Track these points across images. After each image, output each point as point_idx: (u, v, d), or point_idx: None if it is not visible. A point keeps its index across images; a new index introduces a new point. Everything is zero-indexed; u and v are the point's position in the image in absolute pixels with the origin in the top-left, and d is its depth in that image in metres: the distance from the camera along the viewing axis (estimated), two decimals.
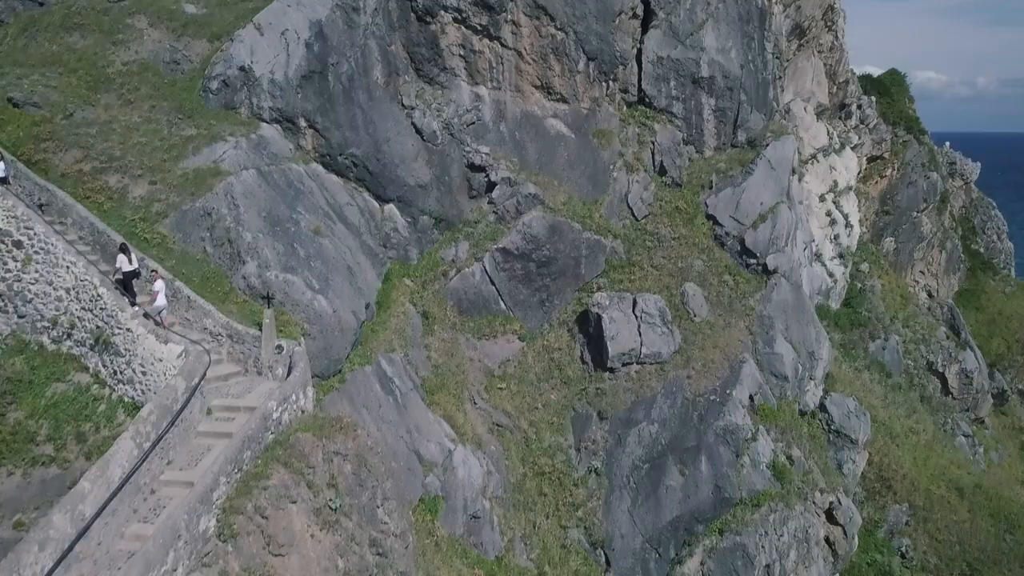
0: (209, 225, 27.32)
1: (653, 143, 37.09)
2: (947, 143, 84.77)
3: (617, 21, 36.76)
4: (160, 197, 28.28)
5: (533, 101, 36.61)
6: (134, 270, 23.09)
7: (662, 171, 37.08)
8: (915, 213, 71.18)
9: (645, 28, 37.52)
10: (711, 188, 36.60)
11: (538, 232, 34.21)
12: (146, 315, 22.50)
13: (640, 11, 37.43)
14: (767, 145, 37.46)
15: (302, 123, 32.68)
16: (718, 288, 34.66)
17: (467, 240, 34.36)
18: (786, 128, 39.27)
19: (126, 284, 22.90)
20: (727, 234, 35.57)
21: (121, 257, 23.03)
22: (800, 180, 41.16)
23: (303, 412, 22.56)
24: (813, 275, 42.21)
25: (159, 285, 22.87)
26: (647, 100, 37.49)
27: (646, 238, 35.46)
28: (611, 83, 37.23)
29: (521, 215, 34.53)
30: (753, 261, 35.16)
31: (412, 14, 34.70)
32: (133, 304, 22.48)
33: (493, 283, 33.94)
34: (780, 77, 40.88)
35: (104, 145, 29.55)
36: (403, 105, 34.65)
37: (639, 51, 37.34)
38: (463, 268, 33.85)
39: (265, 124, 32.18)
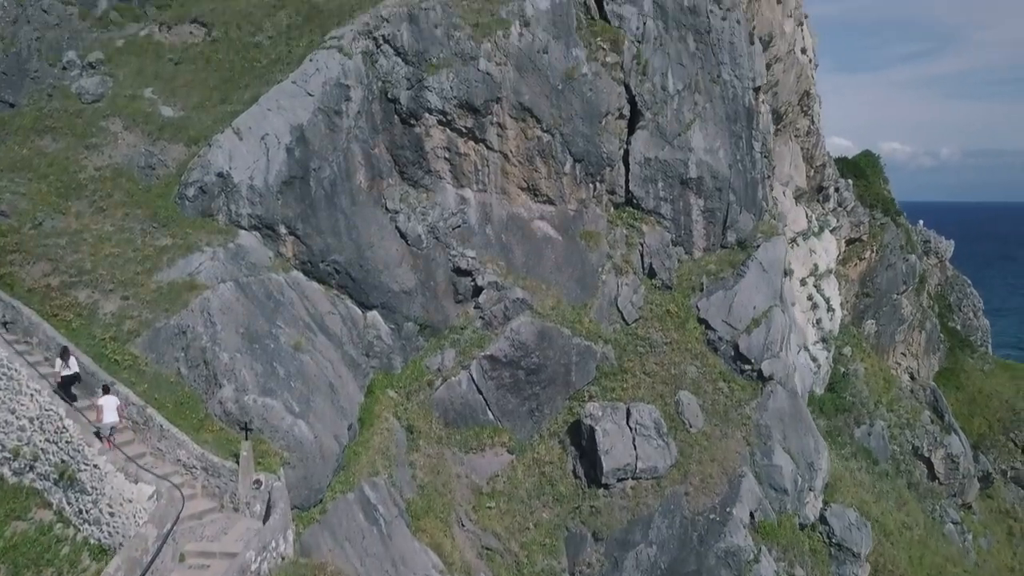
0: (184, 344, 25.87)
1: (642, 245, 36.35)
2: (920, 221, 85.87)
3: (603, 122, 36.31)
4: (132, 314, 26.87)
5: (519, 203, 35.83)
6: (74, 374, 22.45)
7: (651, 273, 36.26)
8: (895, 296, 71.32)
9: (632, 129, 37.10)
10: (702, 291, 35.80)
11: (526, 338, 33.05)
12: (97, 433, 21.26)
13: (627, 111, 37.05)
14: (758, 246, 36.86)
15: (282, 230, 31.55)
16: (713, 396, 33.57)
17: (453, 347, 33.09)
18: (776, 228, 38.75)
19: (66, 388, 22.29)
20: (720, 339, 34.64)
21: (59, 362, 22.43)
22: (790, 278, 40.55)
23: (283, 559, 20.91)
24: (803, 370, 41.29)
25: (105, 401, 21.61)
26: (635, 201, 36.87)
27: (638, 343, 34.41)
28: (598, 184, 36.61)
29: (509, 320, 33.40)
30: (748, 367, 34.19)
31: (396, 116, 33.99)
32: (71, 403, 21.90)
33: (480, 392, 32.59)
34: (769, 176, 40.57)
35: (74, 257, 28.21)
36: (387, 209, 33.68)
37: (626, 152, 36.85)
38: (449, 377, 32.51)
39: (244, 232, 30.99)
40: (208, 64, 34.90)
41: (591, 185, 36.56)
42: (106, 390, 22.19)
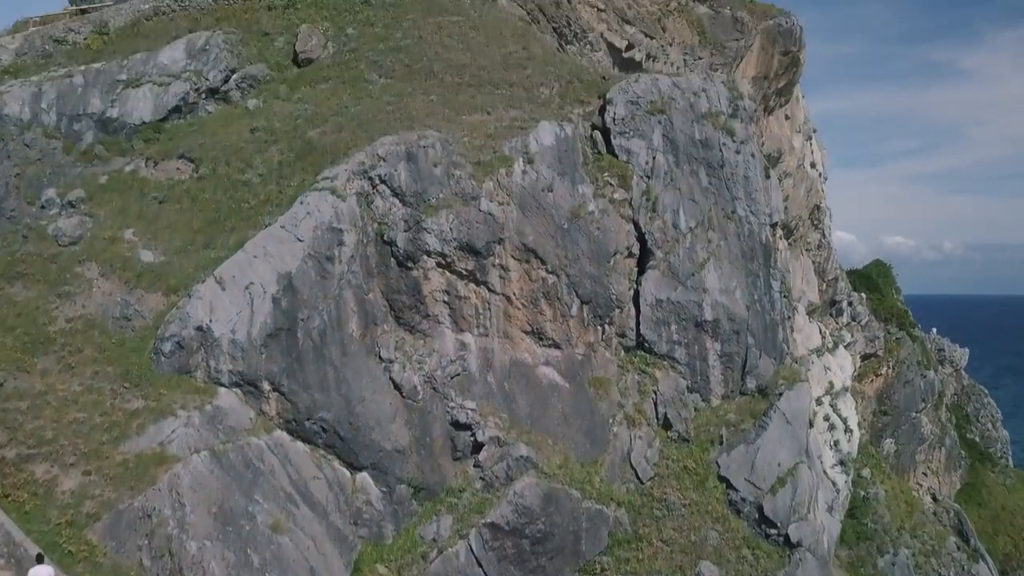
0: (148, 531, 23.22)
1: (655, 392, 33.76)
2: (934, 329, 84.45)
3: (612, 262, 34.22)
4: (93, 493, 24.29)
5: (523, 348, 33.40)
6: None
7: (667, 424, 33.56)
8: (914, 414, 68.80)
9: (642, 268, 34.97)
10: (722, 444, 33.04)
11: (531, 503, 30.12)
12: None
13: (636, 250, 35.00)
14: (780, 394, 34.25)
15: (266, 387, 29.07)
16: (737, 566, 30.46)
17: (450, 513, 30.15)
18: (799, 373, 36.21)
19: None
20: (743, 500, 31.74)
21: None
22: (812, 427, 37.84)
23: None
24: (831, 527, 38.09)
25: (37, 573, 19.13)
26: (647, 345, 34.45)
27: (654, 505, 31.47)
28: (607, 327, 34.26)
29: (512, 482, 30.54)
30: (773, 532, 31.21)
31: (392, 259, 31.90)
32: None
33: (480, 565, 29.49)
34: (789, 317, 38.26)
35: (34, 425, 25.82)
36: (381, 358, 31.24)
37: (636, 293, 34.63)
38: (445, 548, 29.44)
39: (224, 389, 28.51)
40: (194, 203, 33.04)
41: (600, 328, 34.21)
42: (40, 559, 19.70)
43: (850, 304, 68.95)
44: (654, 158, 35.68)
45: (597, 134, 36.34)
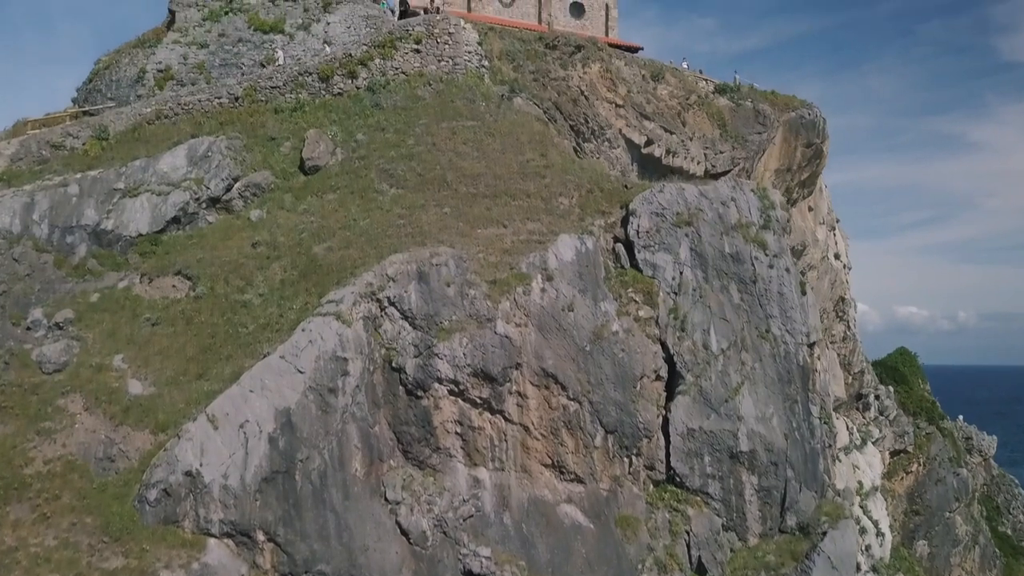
0: None
1: (688, 533, 30.82)
2: (960, 416, 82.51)
3: (638, 387, 31.64)
4: None
5: (543, 483, 30.63)
6: None
7: (700, 569, 30.52)
8: (947, 513, 65.73)
9: (671, 393, 32.33)
10: None
11: None
12: None
13: (664, 373, 32.43)
14: (823, 533, 31.23)
15: (260, 536, 26.35)
16: None
17: None
18: (843, 509, 33.20)
19: None
20: None
21: None
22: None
23: None
24: None
25: None
26: (678, 479, 31.62)
27: None
28: (634, 459, 31.52)
29: None
30: None
31: (401, 388, 29.44)
32: None
33: None
34: (830, 445, 35.41)
35: None
36: (387, 500, 28.53)
37: (665, 420, 31.94)
38: None
39: (213, 541, 25.83)
40: (189, 327, 30.78)
41: (626, 460, 31.47)
42: None
43: (877, 398, 66.69)
44: (681, 273, 33.36)
45: (620, 247, 34.13)
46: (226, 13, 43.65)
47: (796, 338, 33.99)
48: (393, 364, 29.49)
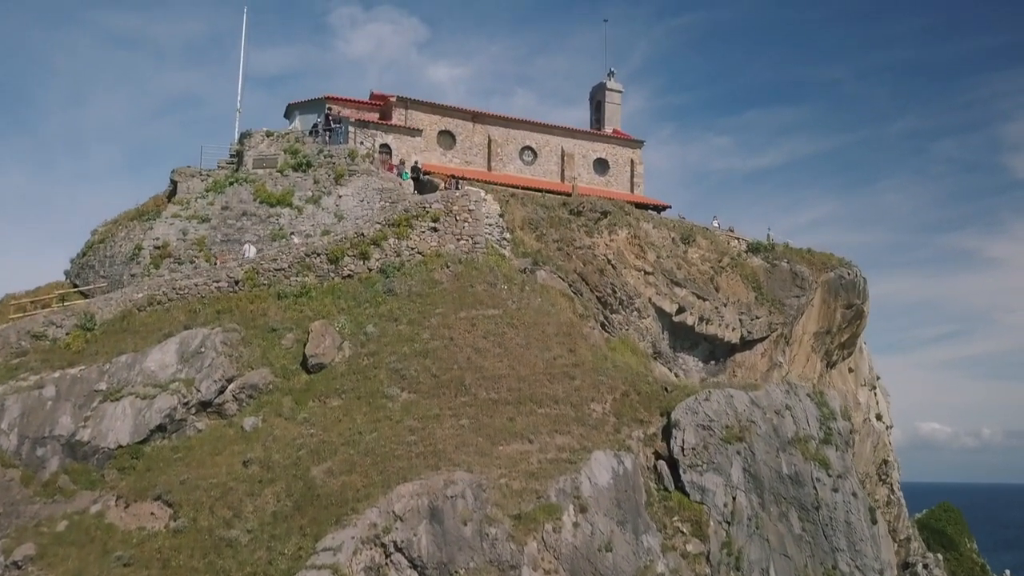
0: None
1: None
2: (1007, 571, 77.79)
3: None
4: None
5: None
6: None
7: None
8: None
9: None
10: None
11: None
12: None
13: None
14: None
15: None
16: None
17: None
18: None
19: None
20: None
21: None
22: None
23: None
24: None
25: None
26: None
27: None
28: None
29: None
30: None
31: None
32: None
33: None
34: None
35: None
36: None
37: None
38: None
39: None
40: (164, 570, 26.44)
41: None
42: None
43: (926, 567, 61.36)
44: (734, 499, 29.05)
45: (663, 465, 29.97)
46: (231, 184, 40.97)
47: (867, 575, 29.32)
48: None
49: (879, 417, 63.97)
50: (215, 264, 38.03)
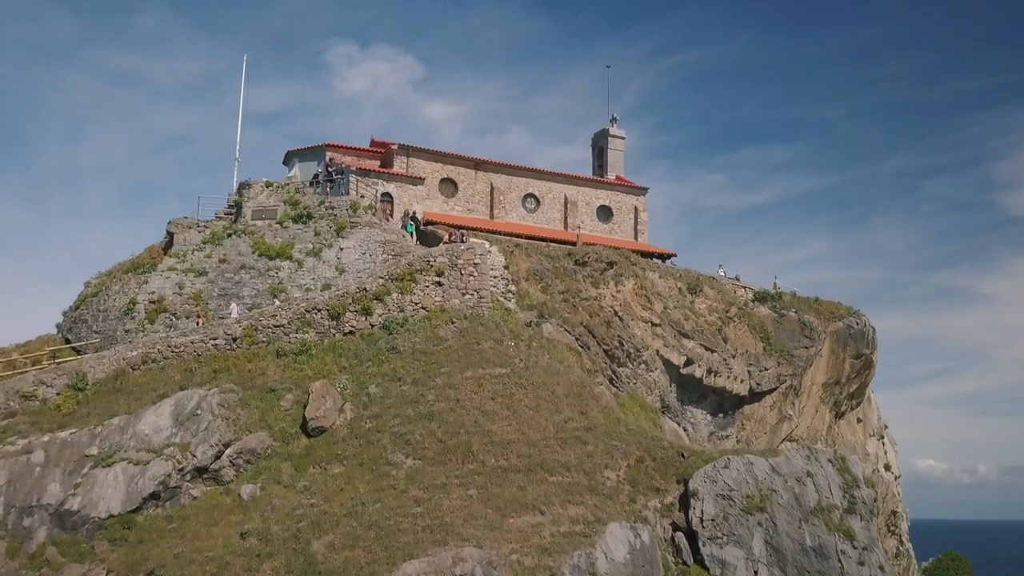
0: None
1: None
2: None
3: None
4: None
5: None
6: None
7: None
8: None
9: None
10: None
11: None
12: None
13: None
14: None
15: None
16: None
17: None
18: None
19: None
20: None
21: None
22: None
23: None
24: None
25: None
26: None
27: None
28: None
29: None
30: None
31: None
32: None
33: None
34: None
35: None
36: None
37: None
38: None
39: None
40: None
41: None
42: None
43: None
44: (755, 572, 27.74)
45: (681, 537, 28.66)
46: (229, 235, 39.86)
47: None
48: None
49: (887, 467, 62.69)
50: (198, 323, 36.85)
